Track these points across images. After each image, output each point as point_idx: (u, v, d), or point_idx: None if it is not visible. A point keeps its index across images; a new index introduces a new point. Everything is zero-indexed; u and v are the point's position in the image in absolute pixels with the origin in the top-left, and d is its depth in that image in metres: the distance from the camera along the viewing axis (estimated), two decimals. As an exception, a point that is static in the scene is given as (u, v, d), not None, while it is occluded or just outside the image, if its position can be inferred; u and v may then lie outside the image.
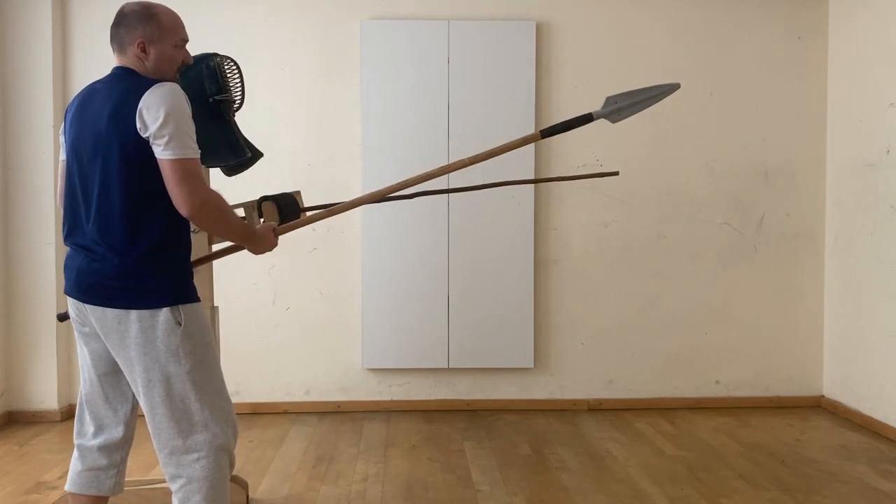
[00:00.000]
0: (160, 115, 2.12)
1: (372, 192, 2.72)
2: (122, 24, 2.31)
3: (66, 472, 3.62)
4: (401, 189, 2.60)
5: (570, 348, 4.88)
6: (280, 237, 2.60)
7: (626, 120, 4.75)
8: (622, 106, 2.62)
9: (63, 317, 2.99)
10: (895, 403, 4.23)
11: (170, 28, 2.30)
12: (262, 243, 2.48)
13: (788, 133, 4.89)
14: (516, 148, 2.61)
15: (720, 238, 4.89)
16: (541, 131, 2.63)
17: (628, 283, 4.87)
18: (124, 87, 2.21)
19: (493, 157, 2.61)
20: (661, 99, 2.63)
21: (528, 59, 4.71)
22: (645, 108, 2.64)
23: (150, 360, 2.21)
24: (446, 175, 4.62)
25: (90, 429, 2.42)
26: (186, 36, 2.36)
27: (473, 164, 2.61)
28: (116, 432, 2.41)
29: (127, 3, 2.35)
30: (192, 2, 4.45)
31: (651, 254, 4.87)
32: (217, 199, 2.24)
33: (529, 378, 4.87)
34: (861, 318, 4.54)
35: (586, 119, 2.61)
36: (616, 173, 3.30)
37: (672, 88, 2.63)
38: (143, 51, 2.28)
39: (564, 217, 4.84)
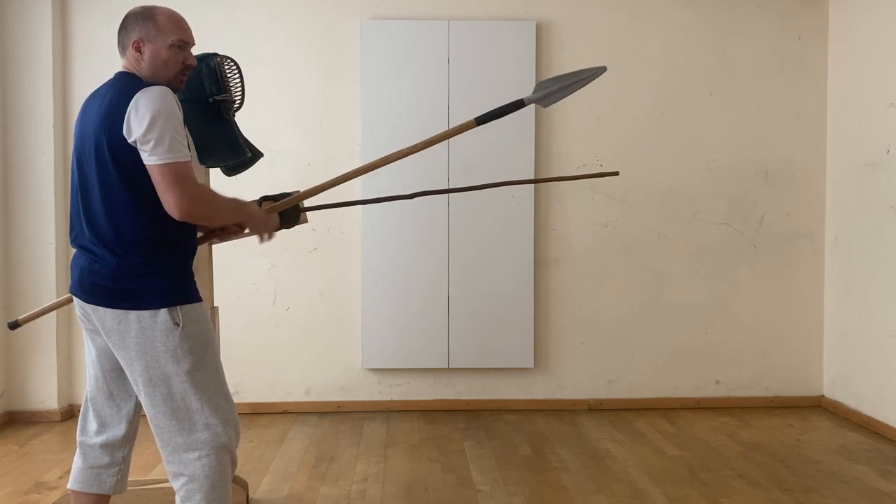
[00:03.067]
0: (145, 121, 2.12)
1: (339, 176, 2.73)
2: (124, 27, 2.31)
3: (67, 473, 3.64)
4: (367, 171, 2.65)
5: (570, 348, 4.88)
6: (279, 236, 2.60)
7: (625, 120, 4.81)
8: (552, 90, 2.67)
9: (13, 325, 2.98)
10: (895, 403, 4.23)
11: (166, 28, 2.28)
12: (263, 223, 2.47)
13: (788, 133, 4.89)
14: (453, 136, 2.68)
15: (720, 238, 4.89)
16: (475, 119, 2.67)
17: (628, 283, 4.87)
18: (116, 91, 2.22)
19: (433, 145, 2.67)
20: (589, 82, 2.68)
21: (528, 59, 4.71)
22: (574, 91, 2.70)
23: (150, 360, 2.22)
24: (446, 175, 4.65)
25: (93, 426, 2.44)
26: (188, 38, 2.33)
27: (413, 153, 2.67)
28: (119, 430, 2.43)
29: (133, 7, 2.35)
30: (193, 2, 4.46)
31: (651, 254, 4.88)
32: (205, 193, 2.25)
33: (529, 378, 4.87)
34: (861, 318, 4.54)
35: (518, 105, 2.67)
36: (616, 173, 3.30)
37: (598, 72, 2.68)
38: (138, 50, 2.28)
39: (564, 217, 4.84)
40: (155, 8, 2.31)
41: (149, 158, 2.13)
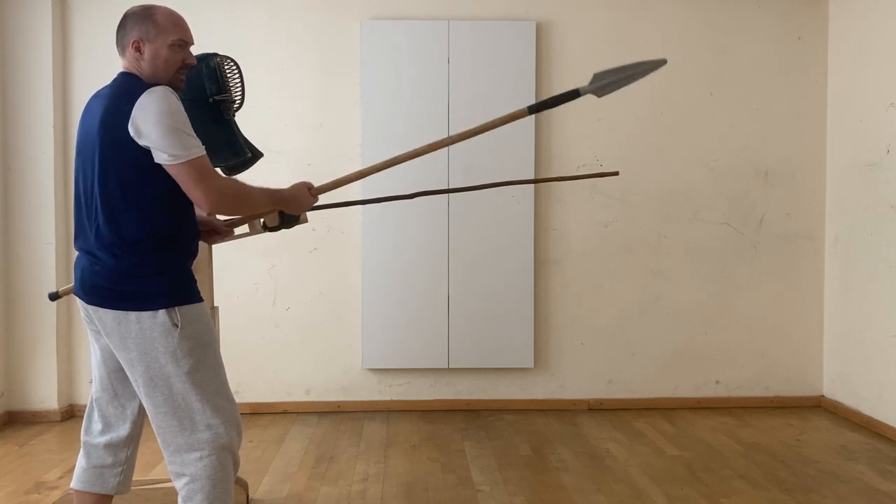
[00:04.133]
0: (155, 123, 2.12)
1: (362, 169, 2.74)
2: (123, 26, 2.31)
3: (67, 473, 3.64)
4: (393, 165, 2.66)
5: (570, 348, 4.88)
6: (279, 236, 2.61)
7: (625, 120, 4.81)
8: (609, 81, 2.68)
9: (53, 296, 3.00)
10: (895, 403, 4.23)
11: (166, 27, 2.28)
12: (298, 202, 2.48)
13: (788, 133, 4.89)
14: (505, 123, 2.62)
15: (720, 238, 4.89)
16: (528, 107, 2.65)
17: (628, 283, 4.87)
18: (117, 93, 2.22)
19: (481, 133, 2.64)
20: (647, 74, 2.67)
21: (528, 59, 4.71)
22: (631, 83, 2.70)
23: (150, 361, 2.22)
24: (446, 175, 4.65)
25: (97, 426, 2.44)
26: (188, 38, 2.33)
27: (462, 140, 2.66)
28: (123, 430, 2.43)
29: (130, 7, 2.35)
30: (193, 2, 4.46)
31: (651, 254, 4.88)
32: (232, 186, 2.26)
33: (529, 378, 4.87)
34: (861, 318, 4.54)
35: (573, 95, 2.67)
36: (616, 173, 3.31)
37: (658, 64, 2.68)
38: (138, 50, 2.27)
39: (564, 217, 4.84)
40: (154, 7, 2.31)
41: (167, 159, 2.14)
